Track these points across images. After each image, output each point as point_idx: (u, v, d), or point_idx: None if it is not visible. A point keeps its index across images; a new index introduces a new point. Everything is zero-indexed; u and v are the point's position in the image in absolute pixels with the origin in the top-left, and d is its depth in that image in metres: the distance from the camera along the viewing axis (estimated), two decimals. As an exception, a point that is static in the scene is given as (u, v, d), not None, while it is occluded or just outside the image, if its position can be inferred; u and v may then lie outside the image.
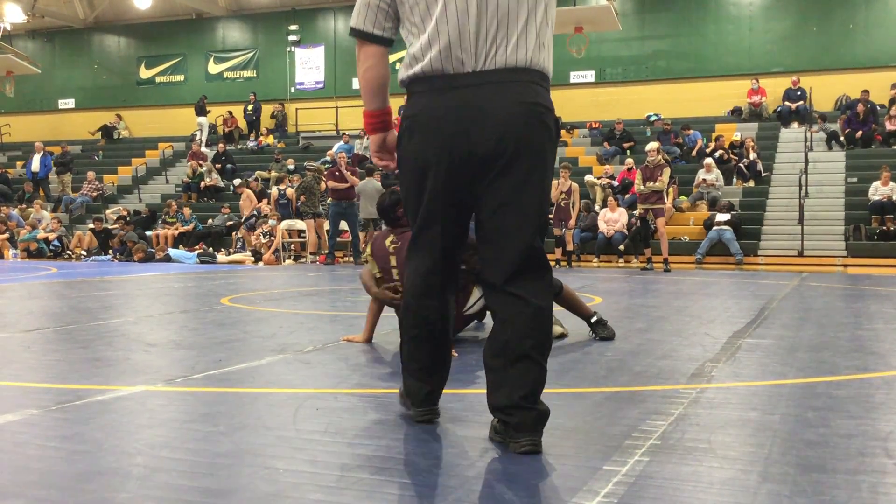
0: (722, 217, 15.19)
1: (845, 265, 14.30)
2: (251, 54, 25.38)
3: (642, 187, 12.98)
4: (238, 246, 17.17)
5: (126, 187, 22.74)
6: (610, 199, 15.92)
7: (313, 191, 15.65)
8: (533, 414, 2.45)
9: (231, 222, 18.09)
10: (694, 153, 18.15)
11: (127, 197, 22.20)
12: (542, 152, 2.49)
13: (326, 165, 17.43)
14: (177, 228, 17.95)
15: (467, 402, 3.25)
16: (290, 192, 16.71)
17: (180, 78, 26.19)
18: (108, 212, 19.51)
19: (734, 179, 17.47)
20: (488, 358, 2.55)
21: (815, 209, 15.81)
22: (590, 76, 21.99)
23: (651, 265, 13.26)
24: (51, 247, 18.30)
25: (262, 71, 25.20)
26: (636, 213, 14.14)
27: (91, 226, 18.48)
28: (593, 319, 4.96)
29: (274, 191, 17.48)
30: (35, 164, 22.14)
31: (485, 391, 2.56)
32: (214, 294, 8.56)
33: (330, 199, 14.99)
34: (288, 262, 15.89)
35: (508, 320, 2.49)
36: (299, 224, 16.35)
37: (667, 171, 12.98)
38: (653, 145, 13.32)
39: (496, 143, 2.42)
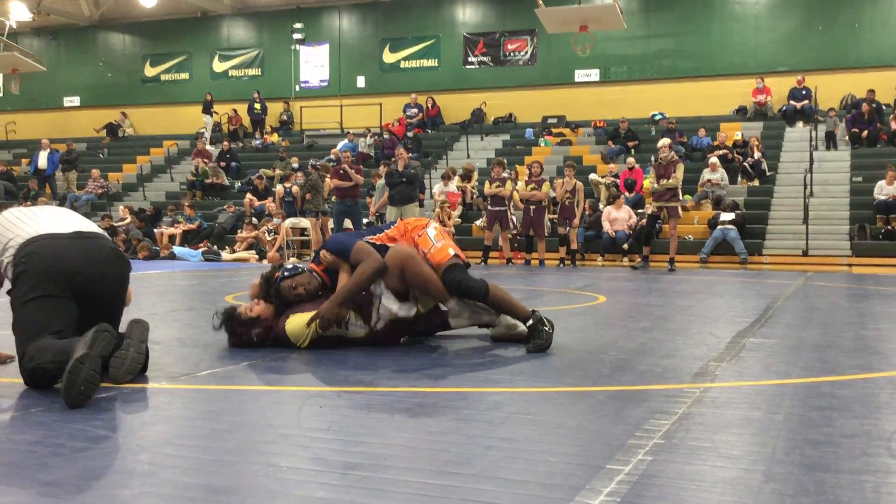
0: (726, 216, 15.15)
1: (850, 265, 14.26)
2: (256, 52, 25.39)
3: (656, 185, 12.84)
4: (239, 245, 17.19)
5: (131, 185, 22.77)
6: (620, 197, 15.81)
7: (318, 189, 15.64)
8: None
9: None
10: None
11: (132, 195, 22.23)
12: (127, 277, 3.78)
13: (331, 164, 17.44)
14: (184, 227, 17.98)
15: (470, 400, 3.25)
16: (295, 189, 16.66)
17: (185, 76, 26.21)
18: (121, 206, 19.68)
19: (739, 179, 17.43)
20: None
21: (820, 208, 15.76)
22: (595, 75, 21.95)
23: (647, 263, 13.17)
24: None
25: (267, 69, 25.22)
26: (648, 211, 14.00)
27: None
28: (529, 322, 4.44)
29: (280, 188, 17.46)
30: (42, 161, 22.14)
31: (486, 389, 2.56)
32: (219, 292, 8.57)
33: (335, 197, 15.00)
34: (292, 259, 15.90)
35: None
36: (303, 222, 16.35)
37: (681, 168, 12.78)
38: (664, 141, 13.16)
39: (105, 273, 3.59)
